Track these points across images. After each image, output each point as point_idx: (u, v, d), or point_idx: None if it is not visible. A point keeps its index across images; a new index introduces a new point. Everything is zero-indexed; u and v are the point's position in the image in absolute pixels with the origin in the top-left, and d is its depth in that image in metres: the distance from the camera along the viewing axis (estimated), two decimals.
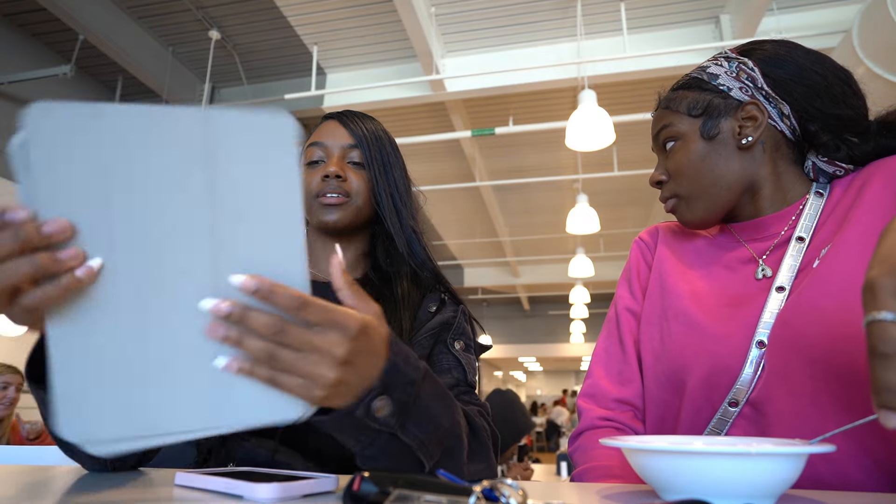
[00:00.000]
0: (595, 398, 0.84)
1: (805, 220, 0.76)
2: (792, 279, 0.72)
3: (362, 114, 0.98)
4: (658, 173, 0.84)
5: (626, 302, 0.89)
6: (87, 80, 5.58)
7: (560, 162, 6.19)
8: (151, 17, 4.41)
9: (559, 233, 7.56)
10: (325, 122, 0.97)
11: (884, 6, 2.61)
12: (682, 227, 0.91)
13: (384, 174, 0.92)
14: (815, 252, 0.72)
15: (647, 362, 0.81)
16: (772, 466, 0.43)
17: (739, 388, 0.68)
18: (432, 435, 0.56)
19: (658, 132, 0.84)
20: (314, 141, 0.94)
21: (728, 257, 0.82)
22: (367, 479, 0.38)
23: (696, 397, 0.72)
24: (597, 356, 0.89)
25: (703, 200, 0.80)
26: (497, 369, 21.39)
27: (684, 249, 0.88)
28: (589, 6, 3.94)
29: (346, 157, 0.92)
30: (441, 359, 0.84)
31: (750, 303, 0.73)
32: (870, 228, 0.68)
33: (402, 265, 0.92)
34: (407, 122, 5.44)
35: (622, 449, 0.51)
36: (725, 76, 0.80)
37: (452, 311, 0.89)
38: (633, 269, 0.92)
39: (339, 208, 0.89)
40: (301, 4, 4.03)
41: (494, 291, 11.84)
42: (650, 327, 0.82)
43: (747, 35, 3.72)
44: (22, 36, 4.94)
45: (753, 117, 0.79)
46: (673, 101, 0.83)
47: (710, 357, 0.71)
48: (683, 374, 0.73)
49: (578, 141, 3.25)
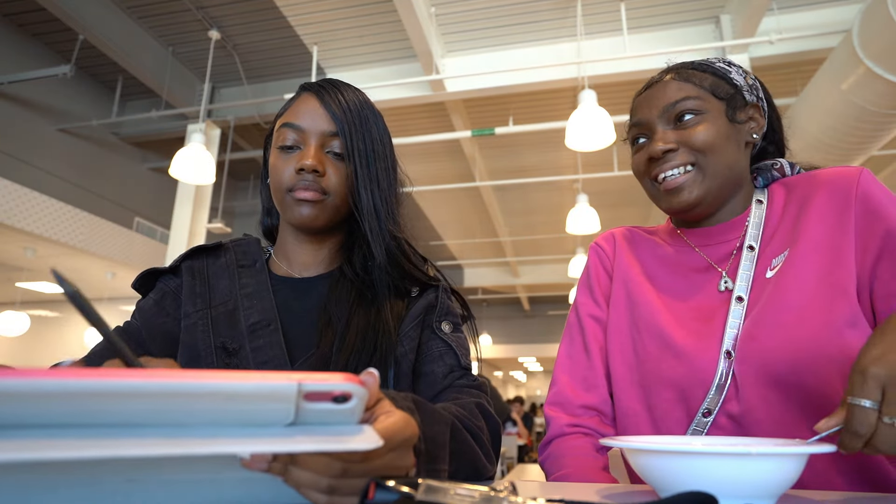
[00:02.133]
0: (562, 406, 0.84)
1: (752, 228, 0.79)
2: (748, 289, 0.74)
3: (345, 85, 0.84)
4: (665, 142, 0.78)
5: (588, 308, 0.88)
6: (86, 80, 5.59)
7: (560, 162, 6.19)
8: (151, 17, 4.40)
9: (559, 233, 7.56)
10: (302, 95, 0.83)
11: (884, 6, 2.60)
12: (636, 233, 0.92)
13: (366, 167, 0.80)
14: (767, 261, 0.75)
15: (618, 372, 0.81)
16: (773, 466, 0.43)
17: (712, 397, 0.70)
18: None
19: (677, 102, 0.78)
20: (289, 122, 0.80)
21: (687, 265, 0.83)
22: (382, 485, 0.35)
23: (670, 407, 0.74)
24: (560, 363, 0.88)
25: (718, 179, 0.78)
26: (497, 369, 21.38)
27: (643, 256, 0.88)
28: (589, 6, 3.94)
29: (326, 146, 0.80)
30: (431, 346, 0.80)
31: (715, 314, 0.75)
32: (820, 243, 0.72)
33: (381, 273, 0.81)
34: (407, 122, 5.44)
35: (623, 449, 0.50)
36: (736, 74, 0.82)
37: (434, 292, 0.85)
38: (593, 276, 0.91)
39: (314, 206, 0.79)
40: (301, 4, 4.03)
41: (494, 291, 11.84)
42: (620, 336, 0.83)
43: (747, 35, 3.73)
44: (22, 36, 4.94)
45: (756, 119, 0.81)
46: (695, 77, 0.80)
47: (685, 370, 0.73)
48: (659, 385, 0.75)
49: (578, 141, 3.25)
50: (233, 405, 0.34)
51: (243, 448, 0.34)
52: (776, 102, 0.87)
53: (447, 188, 6.03)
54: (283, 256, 0.87)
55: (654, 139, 0.79)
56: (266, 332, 0.76)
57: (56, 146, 5.55)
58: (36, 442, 0.29)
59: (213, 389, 0.32)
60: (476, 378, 0.79)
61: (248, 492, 0.42)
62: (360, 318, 0.78)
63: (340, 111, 0.80)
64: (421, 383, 0.78)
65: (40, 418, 0.31)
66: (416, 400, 0.56)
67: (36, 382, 0.29)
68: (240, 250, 0.87)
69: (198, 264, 0.85)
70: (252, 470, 0.38)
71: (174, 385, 0.32)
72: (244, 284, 0.82)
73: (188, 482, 0.39)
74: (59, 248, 5.26)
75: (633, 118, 0.84)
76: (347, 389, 0.35)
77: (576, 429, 0.80)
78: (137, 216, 6.30)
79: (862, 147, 3.42)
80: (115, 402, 0.32)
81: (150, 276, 0.85)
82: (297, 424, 0.36)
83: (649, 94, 0.81)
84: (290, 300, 0.82)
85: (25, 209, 4.71)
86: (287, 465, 0.39)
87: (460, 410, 0.68)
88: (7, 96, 5.07)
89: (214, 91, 5.22)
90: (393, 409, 0.44)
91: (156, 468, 0.38)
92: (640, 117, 0.82)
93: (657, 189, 0.81)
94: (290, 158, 0.79)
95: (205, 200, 5.16)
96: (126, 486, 0.38)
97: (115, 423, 0.32)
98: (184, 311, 0.80)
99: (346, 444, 0.35)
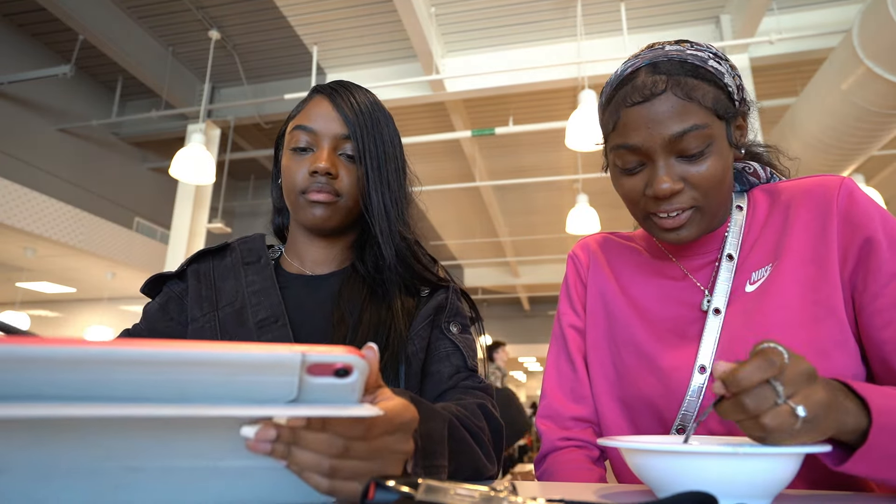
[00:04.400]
0: (553, 419, 0.83)
1: (731, 237, 0.75)
2: (726, 301, 0.71)
3: (356, 87, 0.85)
4: (674, 182, 0.67)
5: (569, 318, 0.87)
6: (86, 80, 5.59)
7: (560, 162, 6.20)
8: (151, 17, 4.41)
9: (559, 233, 7.56)
10: (315, 98, 0.84)
11: (884, 6, 2.61)
12: (612, 241, 0.89)
13: (377, 170, 0.81)
14: (746, 274, 0.72)
15: (599, 386, 0.80)
16: (768, 466, 0.43)
17: (685, 413, 0.68)
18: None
19: (684, 133, 0.66)
20: (302, 124, 0.81)
21: (663, 274, 0.80)
22: (381, 485, 0.35)
23: (649, 423, 0.73)
24: (549, 374, 0.87)
25: (717, 213, 0.72)
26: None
27: (618, 265, 0.85)
28: (589, 6, 3.94)
29: (339, 149, 0.81)
30: (439, 345, 0.81)
31: (691, 327, 0.73)
32: (806, 257, 0.69)
33: (392, 273, 0.82)
34: (407, 122, 5.44)
35: (621, 449, 0.51)
36: (727, 75, 0.71)
37: (444, 293, 0.86)
38: (571, 286, 0.89)
39: (327, 208, 0.80)
40: (301, 4, 4.03)
41: (494, 291, 11.84)
42: (598, 351, 0.82)
43: (747, 35, 3.73)
44: (22, 36, 4.94)
45: (743, 128, 0.74)
46: (696, 92, 0.67)
47: (662, 386, 0.72)
48: (638, 400, 0.74)
49: (578, 141, 3.25)
50: (237, 378, 0.34)
51: (247, 413, 0.34)
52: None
53: (447, 188, 6.02)
54: (295, 255, 0.88)
55: (656, 174, 0.68)
56: (274, 328, 0.77)
57: (56, 146, 5.55)
58: (43, 404, 0.30)
59: (218, 359, 0.33)
60: (482, 380, 0.80)
61: (249, 486, 0.42)
62: (372, 315, 0.78)
63: (353, 114, 0.81)
64: (427, 382, 0.78)
65: (49, 388, 0.32)
66: (413, 396, 0.56)
67: (45, 349, 0.30)
68: (245, 248, 0.88)
69: (203, 268, 0.86)
70: (255, 452, 0.38)
71: (180, 354, 0.32)
72: (251, 282, 0.82)
73: (189, 470, 0.39)
74: (59, 248, 5.26)
75: (626, 139, 0.69)
76: (349, 361, 0.36)
77: (568, 442, 0.80)
78: (137, 216, 6.31)
79: (862, 147, 3.42)
80: (121, 371, 0.32)
81: (158, 281, 0.86)
82: (300, 402, 0.36)
83: (647, 114, 0.67)
84: (301, 296, 0.83)
85: (25, 209, 4.71)
86: (289, 447, 0.40)
87: (461, 410, 0.68)
88: (7, 96, 5.07)
89: (214, 91, 5.23)
90: (393, 395, 0.45)
91: (156, 453, 0.38)
92: (638, 142, 0.68)
93: (651, 222, 0.73)
94: (304, 161, 0.80)
95: (205, 200, 5.17)
96: (127, 476, 0.38)
97: (121, 397, 0.33)
98: (191, 315, 0.80)
99: (347, 411, 0.36)
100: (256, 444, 0.38)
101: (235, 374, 0.34)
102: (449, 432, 0.60)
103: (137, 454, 0.38)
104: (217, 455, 0.39)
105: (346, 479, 0.41)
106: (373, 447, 0.42)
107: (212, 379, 0.34)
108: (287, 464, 0.40)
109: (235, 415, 0.34)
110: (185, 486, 0.40)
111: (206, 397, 0.34)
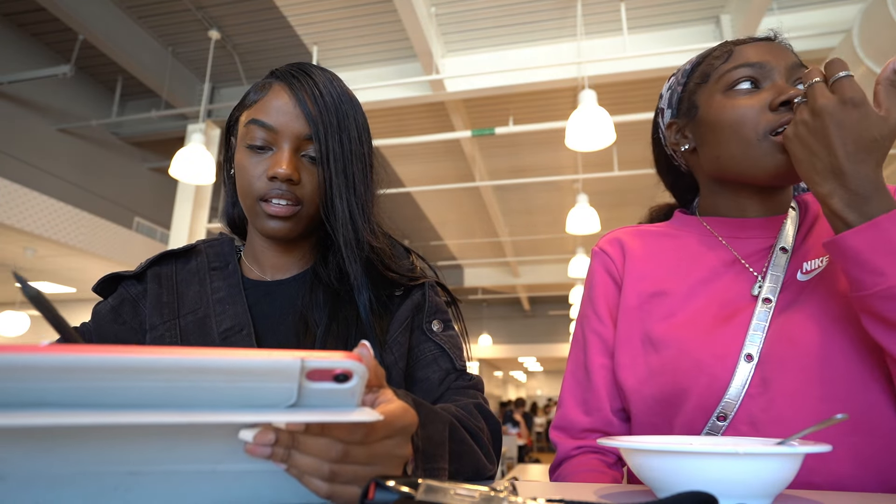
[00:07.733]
0: (566, 430, 0.82)
1: (788, 229, 0.75)
2: (778, 291, 0.71)
3: (319, 73, 0.76)
4: (796, 91, 0.69)
5: (592, 324, 0.83)
6: (86, 80, 5.59)
7: (560, 162, 6.20)
8: (151, 17, 4.41)
9: (559, 233, 7.57)
10: (274, 87, 0.75)
11: (884, 6, 2.61)
12: (643, 230, 0.86)
13: (342, 174, 0.74)
14: (798, 263, 0.72)
15: (630, 386, 0.76)
16: (768, 466, 0.43)
17: (728, 401, 0.67)
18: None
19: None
20: (259, 119, 0.73)
21: (712, 260, 0.78)
22: (381, 485, 0.35)
23: (690, 416, 0.71)
24: (566, 383, 0.85)
25: None
26: (497, 369, 21.38)
27: (656, 252, 0.82)
28: (589, 6, 3.94)
29: (301, 150, 0.74)
30: (423, 349, 0.77)
31: (738, 315, 0.71)
32: None
33: (359, 284, 0.75)
34: (407, 122, 5.44)
35: (620, 449, 0.51)
36: None
37: (420, 290, 0.80)
38: (599, 289, 0.84)
39: (286, 221, 0.74)
40: (301, 4, 4.03)
41: (494, 291, 11.85)
42: (629, 348, 0.77)
43: (747, 35, 3.72)
44: (22, 36, 4.94)
45: None
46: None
47: (704, 377, 0.69)
48: (677, 396, 0.71)
49: (578, 141, 3.25)
50: (237, 384, 0.34)
51: (247, 419, 0.34)
52: None
53: (447, 188, 6.03)
54: (254, 260, 0.83)
55: (780, 87, 0.71)
56: (239, 338, 0.73)
57: (56, 146, 5.55)
58: (43, 413, 0.30)
59: (219, 366, 0.33)
60: (472, 377, 0.78)
61: (249, 489, 0.42)
62: (340, 324, 0.74)
63: (316, 110, 0.73)
64: (416, 390, 0.76)
65: (49, 395, 0.32)
66: (414, 399, 0.56)
67: (45, 358, 0.30)
68: (212, 252, 0.83)
69: (165, 270, 0.80)
70: (255, 456, 0.38)
71: (181, 361, 0.32)
72: (216, 289, 0.78)
73: (189, 474, 0.40)
74: (59, 248, 5.26)
75: (747, 60, 0.73)
76: (349, 367, 0.36)
77: (581, 449, 0.79)
78: (137, 216, 6.31)
79: None
80: (116, 379, 0.32)
81: (113, 280, 0.81)
82: (299, 406, 0.37)
83: (771, 47, 0.74)
84: (263, 304, 0.78)
85: (25, 209, 4.71)
86: (289, 451, 0.40)
87: (459, 411, 0.68)
88: (7, 96, 5.07)
89: (214, 91, 5.23)
90: (394, 397, 0.45)
91: (157, 458, 0.38)
92: (764, 61, 0.72)
93: (761, 147, 0.70)
94: (261, 161, 0.73)
95: (205, 200, 5.17)
96: (128, 479, 0.38)
97: (122, 403, 0.33)
98: (150, 323, 0.76)
99: (346, 416, 0.36)
100: (255, 448, 0.38)
101: (235, 381, 0.34)
102: (449, 434, 0.60)
103: (137, 459, 0.38)
104: (217, 459, 0.40)
105: (346, 483, 0.41)
106: (372, 451, 0.42)
107: (212, 385, 0.34)
108: (286, 468, 0.40)
109: (236, 421, 0.34)
110: (186, 489, 0.40)
111: (207, 403, 0.34)
